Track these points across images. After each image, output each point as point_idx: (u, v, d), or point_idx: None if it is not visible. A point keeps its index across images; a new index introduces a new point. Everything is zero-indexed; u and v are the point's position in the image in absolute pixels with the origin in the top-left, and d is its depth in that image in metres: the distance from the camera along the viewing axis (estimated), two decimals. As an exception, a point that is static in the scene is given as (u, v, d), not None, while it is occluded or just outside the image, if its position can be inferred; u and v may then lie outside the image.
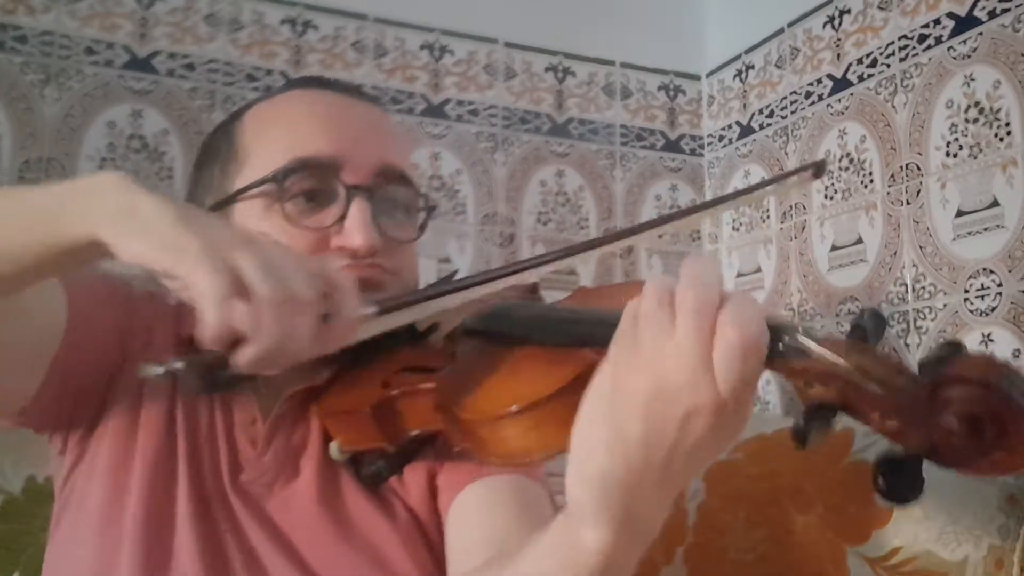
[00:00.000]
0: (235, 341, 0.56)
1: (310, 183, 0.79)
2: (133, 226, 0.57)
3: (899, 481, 0.45)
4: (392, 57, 1.60)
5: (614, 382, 0.50)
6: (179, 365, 0.59)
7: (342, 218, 0.78)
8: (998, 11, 1.23)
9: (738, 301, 0.48)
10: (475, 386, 0.65)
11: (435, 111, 1.61)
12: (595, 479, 0.51)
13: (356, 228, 0.78)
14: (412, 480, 0.81)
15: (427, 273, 1.45)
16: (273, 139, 0.82)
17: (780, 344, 0.48)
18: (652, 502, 0.52)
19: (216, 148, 0.87)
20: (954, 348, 0.46)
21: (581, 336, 0.55)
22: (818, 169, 0.82)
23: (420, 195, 0.86)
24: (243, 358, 0.56)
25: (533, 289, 0.87)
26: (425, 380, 0.70)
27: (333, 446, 0.75)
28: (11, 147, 1.35)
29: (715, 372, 0.47)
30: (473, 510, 0.77)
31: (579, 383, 0.53)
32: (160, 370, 0.59)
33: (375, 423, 0.72)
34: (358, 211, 0.78)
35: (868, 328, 0.49)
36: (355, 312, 0.61)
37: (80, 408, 0.78)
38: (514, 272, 0.70)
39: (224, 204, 0.82)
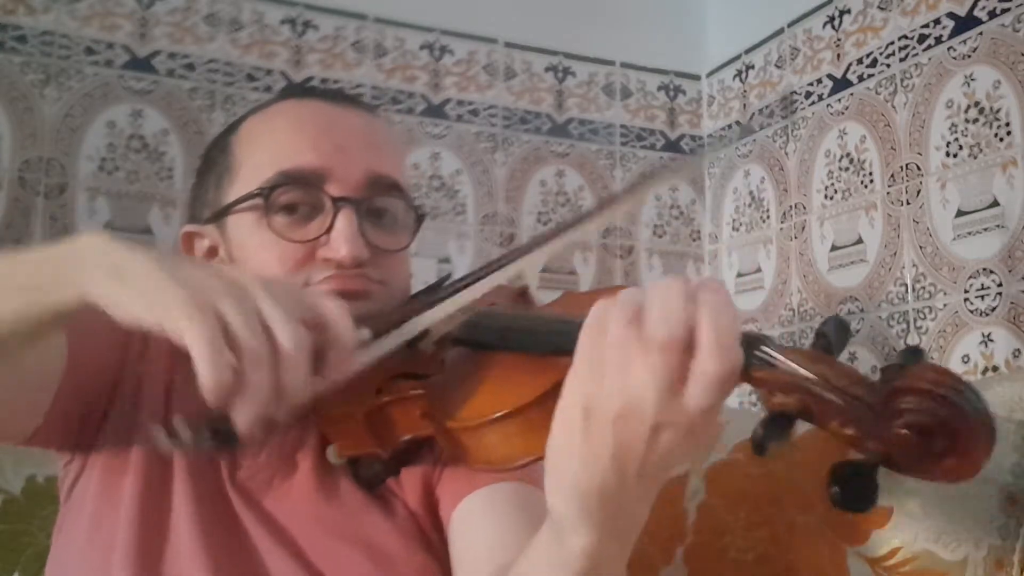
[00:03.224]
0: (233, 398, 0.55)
1: (296, 196, 0.80)
2: (122, 286, 0.57)
3: (852, 490, 0.46)
4: (392, 57, 1.60)
5: (583, 401, 0.51)
6: (187, 434, 0.59)
7: (329, 230, 0.79)
8: (998, 11, 1.23)
9: (719, 322, 0.48)
10: (460, 394, 0.66)
11: (435, 111, 1.61)
12: (572, 491, 0.53)
13: (341, 239, 0.78)
14: (409, 483, 0.81)
15: (427, 273, 1.45)
16: (261, 152, 0.83)
17: (747, 356, 0.49)
18: (631, 504, 0.54)
19: (211, 161, 0.88)
20: (912, 355, 0.47)
21: (560, 345, 0.56)
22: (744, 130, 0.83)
23: (411, 206, 0.86)
24: (241, 420, 0.55)
25: (523, 292, 0.87)
26: (415, 387, 0.71)
27: (330, 450, 0.76)
28: (11, 147, 1.35)
29: (686, 395, 0.48)
30: (475, 521, 0.77)
31: (559, 390, 0.54)
32: (167, 443, 0.59)
33: (368, 430, 0.73)
34: (344, 222, 0.79)
35: (831, 336, 0.50)
36: (351, 345, 0.60)
37: (86, 425, 0.78)
38: (495, 271, 0.70)
39: (218, 217, 0.83)
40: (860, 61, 1.46)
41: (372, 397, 0.72)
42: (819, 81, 1.54)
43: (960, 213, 1.27)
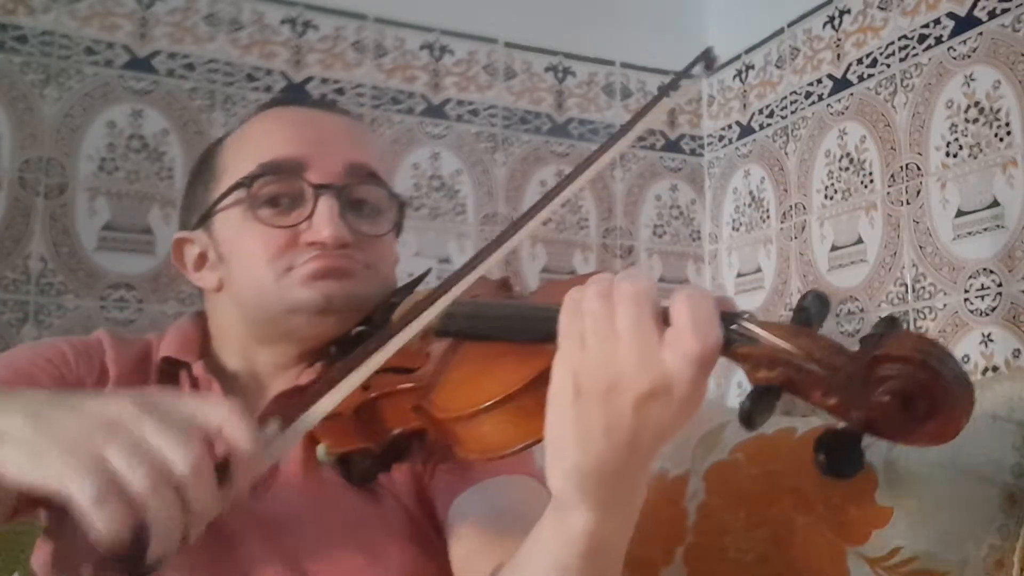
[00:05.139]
0: (139, 531, 0.51)
1: (278, 187, 0.83)
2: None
3: (838, 457, 0.47)
4: (392, 57, 1.60)
5: (572, 379, 0.52)
6: None
7: (311, 215, 0.82)
8: (998, 11, 1.23)
9: (695, 302, 0.50)
10: (449, 385, 0.67)
11: (435, 111, 1.61)
12: (571, 472, 0.54)
13: (323, 222, 0.81)
14: (400, 478, 0.82)
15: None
16: (244, 152, 0.86)
17: (729, 332, 0.50)
18: (628, 479, 0.55)
19: (199, 170, 0.91)
20: (890, 325, 0.48)
21: (546, 331, 0.57)
22: (708, 60, 0.82)
23: (391, 194, 0.89)
24: (154, 553, 0.51)
25: (504, 282, 0.87)
26: (403, 380, 0.71)
27: (320, 449, 0.75)
28: (11, 147, 1.34)
29: (670, 369, 0.49)
30: (471, 516, 0.77)
31: (547, 376, 0.55)
32: None
33: (358, 426, 0.73)
34: (325, 207, 0.81)
35: (812, 310, 0.51)
36: (253, 448, 0.55)
37: None
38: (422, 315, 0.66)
39: (205, 218, 0.86)
40: (860, 61, 1.46)
41: (360, 393, 0.71)
42: (819, 81, 1.54)
43: (960, 213, 1.27)
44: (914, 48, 1.36)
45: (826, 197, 1.51)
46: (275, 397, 0.83)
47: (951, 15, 1.30)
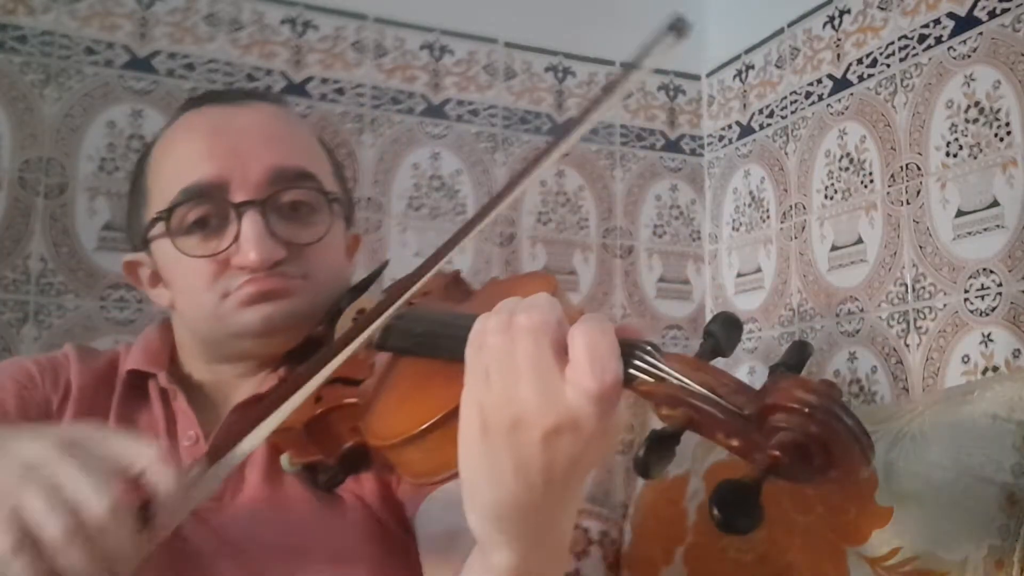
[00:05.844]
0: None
1: (200, 211, 0.80)
2: None
3: (735, 512, 0.43)
4: (392, 57, 1.60)
5: (479, 416, 0.50)
6: None
7: (237, 237, 0.79)
8: (998, 11, 1.23)
9: (593, 337, 0.48)
10: (379, 410, 0.66)
11: (435, 111, 1.61)
12: (486, 511, 0.52)
13: (248, 244, 0.78)
14: (368, 482, 0.82)
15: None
16: (164, 174, 0.84)
17: (630, 368, 0.49)
18: (547, 514, 0.53)
19: (132, 189, 0.90)
20: (797, 352, 0.47)
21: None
22: (679, 26, 0.79)
23: (323, 192, 0.86)
24: None
25: (455, 279, 0.86)
26: (349, 394, 0.70)
27: (284, 459, 0.76)
28: (11, 147, 1.34)
29: (572, 403, 0.47)
30: (434, 524, 0.77)
31: None
32: None
33: (311, 439, 0.72)
34: (249, 227, 0.79)
35: (719, 336, 0.50)
36: (174, 490, 0.54)
37: None
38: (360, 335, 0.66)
39: (143, 245, 0.86)
40: (860, 61, 1.46)
41: (312, 406, 0.71)
42: (819, 81, 1.54)
43: (960, 213, 1.27)
44: (914, 48, 1.36)
45: (826, 197, 1.51)
46: (235, 407, 0.83)
47: (951, 15, 1.30)
